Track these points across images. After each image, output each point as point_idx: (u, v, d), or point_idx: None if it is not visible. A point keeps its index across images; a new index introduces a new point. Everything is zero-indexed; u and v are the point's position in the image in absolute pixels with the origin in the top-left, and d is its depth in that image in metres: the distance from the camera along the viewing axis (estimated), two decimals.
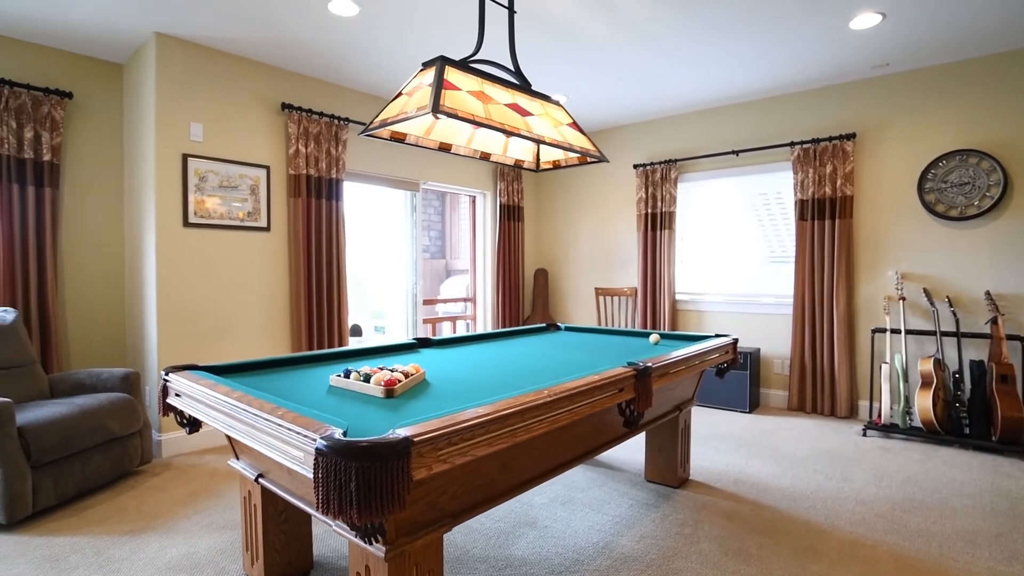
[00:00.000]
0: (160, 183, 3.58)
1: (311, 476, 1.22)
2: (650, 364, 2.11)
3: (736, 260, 5.20)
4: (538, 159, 3.09)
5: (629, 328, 5.52)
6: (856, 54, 3.98)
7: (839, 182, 4.47)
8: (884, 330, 4.27)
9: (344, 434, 1.21)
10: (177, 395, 1.92)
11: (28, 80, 3.63)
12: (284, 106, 4.12)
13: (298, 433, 1.27)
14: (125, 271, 4.07)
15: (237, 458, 2.12)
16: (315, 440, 1.20)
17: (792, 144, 4.66)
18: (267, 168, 4.07)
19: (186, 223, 3.67)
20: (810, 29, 3.58)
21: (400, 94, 2.27)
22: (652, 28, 3.59)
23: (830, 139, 4.48)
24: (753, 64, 4.17)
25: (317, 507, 1.16)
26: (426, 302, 5.67)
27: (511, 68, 2.96)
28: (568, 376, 2.06)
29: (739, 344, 5.12)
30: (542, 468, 1.90)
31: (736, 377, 4.70)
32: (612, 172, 6.00)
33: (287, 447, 1.32)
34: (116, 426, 3.04)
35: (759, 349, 4.91)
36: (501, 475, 1.72)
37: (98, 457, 2.99)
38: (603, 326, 5.93)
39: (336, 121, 4.41)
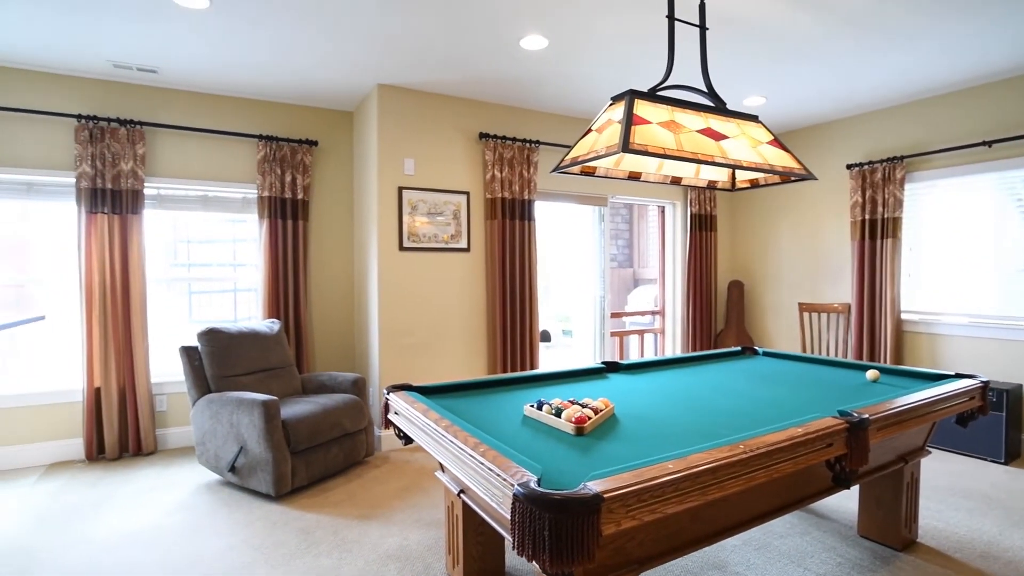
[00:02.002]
0: (381, 213, 4.14)
1: (507, 515, 1.33)
2: (867, 416, 1.87)
3: (986, 274, 4.30)
4: (734, 178, 2.92)
5: (840, 358, 4.93)
6: None
7: None
8: None
9: (539, 482, 1.30)
10: (396, 413, 2.21)
11: (288, 135, 4.49)
12: (481, 135, 4.47)
13: (497, 475, 1.39)
14: (354, 289, 4.79)
15: (443, 471, 2.38)
16: (513, 486, 1.30)
17: None
18: (467, 194, 4.46)
19: (401, 247, 4.19)
20: None
21: (590, 130, 2.33)
22: (869, 11, 3.16)
23: None
24: (1013, 32, 3.42)
25: (513, 546, 1.27)
26: (614, 315, 5.69)
27: (704, 89, 2.84)
28: (767, 424, 1.93)
29: (992, 381, 4.24)
30: (735, 520, 1.81)
31: (987, 417, 3.90)
32: (820, 174, 5.39)
33: (487, 484, 1.46)
34: (348, 423, 3.60)
35: (1020, 385, 4.01)
36: (691, 524, 1.68)
37: (335, 448, 3.57)
38: (808, 351, 5.36)
39: (528, 145, 4.65)
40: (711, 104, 2.45)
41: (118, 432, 3.98)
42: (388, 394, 2.29)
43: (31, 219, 4.00)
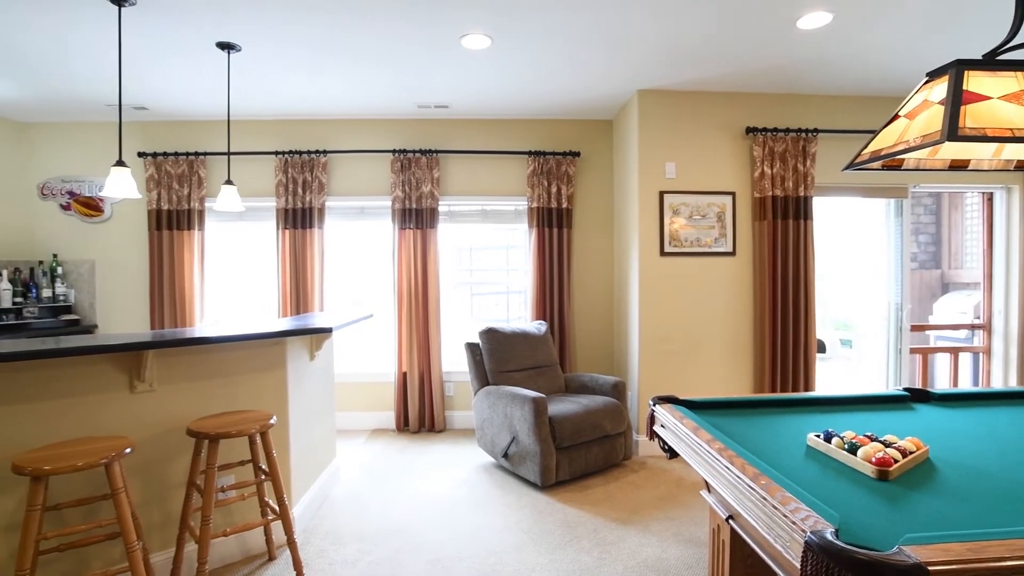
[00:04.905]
0: (642, 219, 4.15)
1: (791, 559, 1.20)
2: None
3: None
4: None
5: None
6: None
7: None
8: None
9: (836, 533, 1.14)
10: (662, 426, 2.19)
11: (552, 148, 4.83)
12: (748, 130, 4.14)
13: (784, 516, 1.27)
14: (614, 293, 4.90)
15: (708, 491, 2.27)
16: (804, 532, 1.17)
17: None
18: (732, 194, 4.18)
19: (662, 252, 4.14)
20: None
21: (897, 116, 1.97)
22: None
23: None
24: None
25: None
26: (914, 328, 4.73)
27: None
28: None
29: None
30: None
31: None
32: None
33: (768, 522, 1.34)
34: (608, 426, 3.70)
35: None
36: None
37: (595, 448, 3.70)
38: None
39: (803, 135, 4.15)
40: None
41: (418, 410, 4.78)
42: (654, 406, 2.28)
43: (362, 236, 5.06)
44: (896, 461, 1.59)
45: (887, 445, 1.69)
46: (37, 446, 2.16)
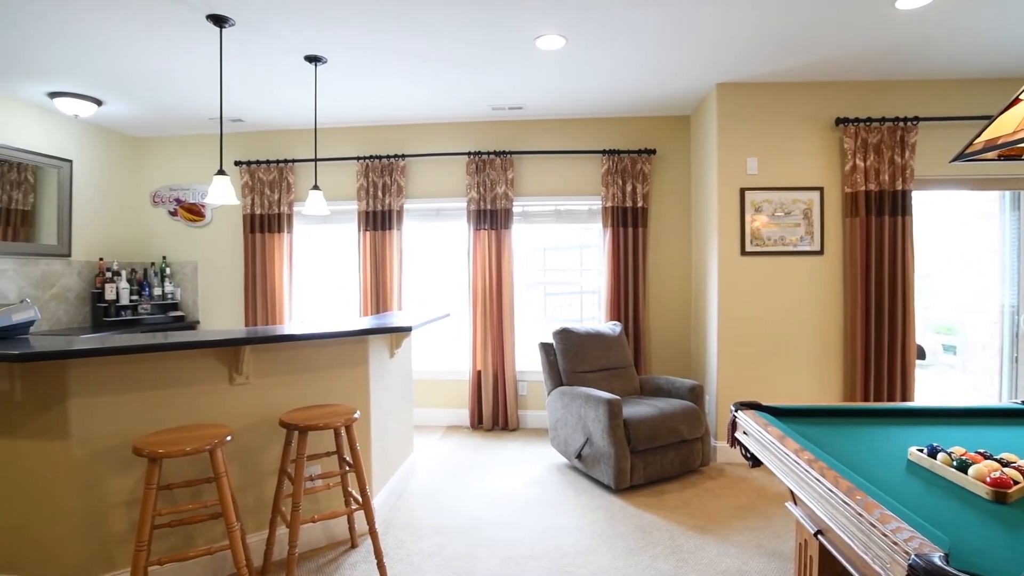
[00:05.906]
0: (721, 217, 4.00)
1: None
2: None
3: None
4: None
5: None
6: None
7: None
8: None
9: (946, 559, 1.06)
10: (744, 433, 2.11)
11: (627, 146, 4.74)
12: (838, 121, 3.89)
13: (883, 536, 1.19)
14: (691, 294, 4.76)
15: (794, 503, 2.16)
16: (908, 555, 1.09)
17: None
18: (820, 190, 3.95)
19: (743, 252, 3.97)
20: None
21: (1017, 100, 1.79)
22: None
23: None
24: None
25: None
26: None
27: None
28: None
29: None
30: None
31: None
32: None
33: (865, 541, 1.26)
34: (685, 430, 3.60)
35: None
36: None
37: (671, 453, 3.61)
38: None
39: (901, 124, 3.85)
40: None
41: (492, 408, 4.85)
42: (736, 412, 2.20)
43: (438, 237, 5.19)
44: (1016, 483, 1.45)
45: (1004, 464, 1.54)
46: (150, 431, 2.38)
